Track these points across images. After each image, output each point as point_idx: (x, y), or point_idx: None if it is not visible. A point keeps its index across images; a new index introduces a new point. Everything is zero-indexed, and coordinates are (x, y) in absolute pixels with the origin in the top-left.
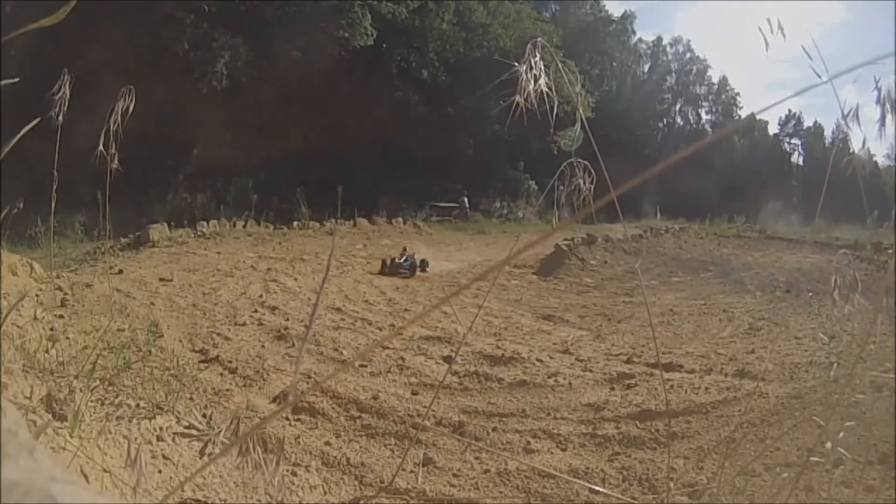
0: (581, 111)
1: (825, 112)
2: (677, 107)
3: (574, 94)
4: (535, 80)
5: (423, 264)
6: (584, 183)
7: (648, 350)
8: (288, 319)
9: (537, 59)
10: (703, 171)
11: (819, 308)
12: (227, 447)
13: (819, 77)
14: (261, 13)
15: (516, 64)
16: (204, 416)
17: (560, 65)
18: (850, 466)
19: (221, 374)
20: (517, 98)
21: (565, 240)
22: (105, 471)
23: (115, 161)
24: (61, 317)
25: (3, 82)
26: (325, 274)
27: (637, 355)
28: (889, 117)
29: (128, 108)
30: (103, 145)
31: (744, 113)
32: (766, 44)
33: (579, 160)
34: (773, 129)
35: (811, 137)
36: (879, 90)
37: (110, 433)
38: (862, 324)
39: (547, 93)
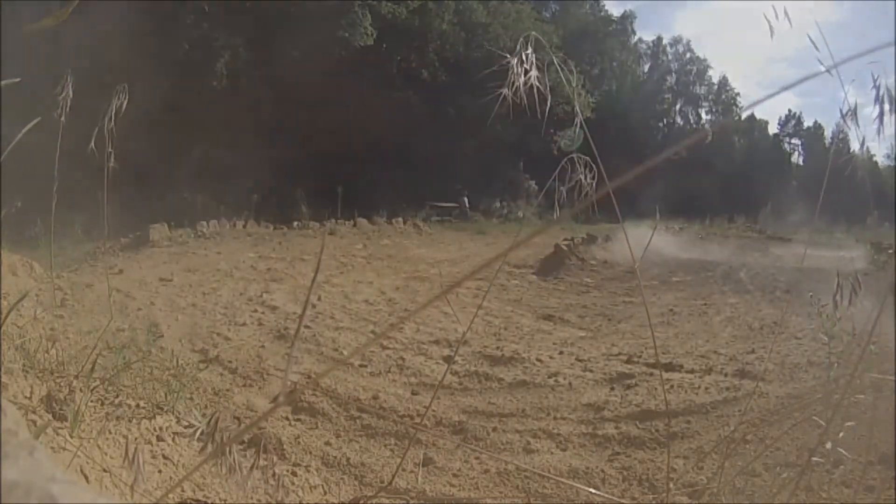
0: (579, 110)
1: (825, 112)
2: (677, 107)
3: (572, 92)
4: (526, 73)
5: None
6: (585, 178)
7: (648, 350)
8: (288, 319)
9: (529, 52)
10: (703, 171)
11: (819, 308)
12: (219, 448)
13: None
14: (261, 13)
15: (508, 56)
16: (204, 416)
17: (558, 63)
18: (850, 466)
19: (221, 374)
20: (504, 91)
21: (565, 240)
22: (105, 471)
23: (112, 159)
24: (61, 317)
25: (4, 82)
26: (316, 272)
27: (637, 355)
28: (888, 116)
29: (121, 106)
30: (96, 144)
31: (744, 113)
32: (771, 30)
33: (580, 155)
34: (773, 129)
35: (811, 137)
36: (878, 88)
37: (110, 433)
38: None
39: (538, 87)
